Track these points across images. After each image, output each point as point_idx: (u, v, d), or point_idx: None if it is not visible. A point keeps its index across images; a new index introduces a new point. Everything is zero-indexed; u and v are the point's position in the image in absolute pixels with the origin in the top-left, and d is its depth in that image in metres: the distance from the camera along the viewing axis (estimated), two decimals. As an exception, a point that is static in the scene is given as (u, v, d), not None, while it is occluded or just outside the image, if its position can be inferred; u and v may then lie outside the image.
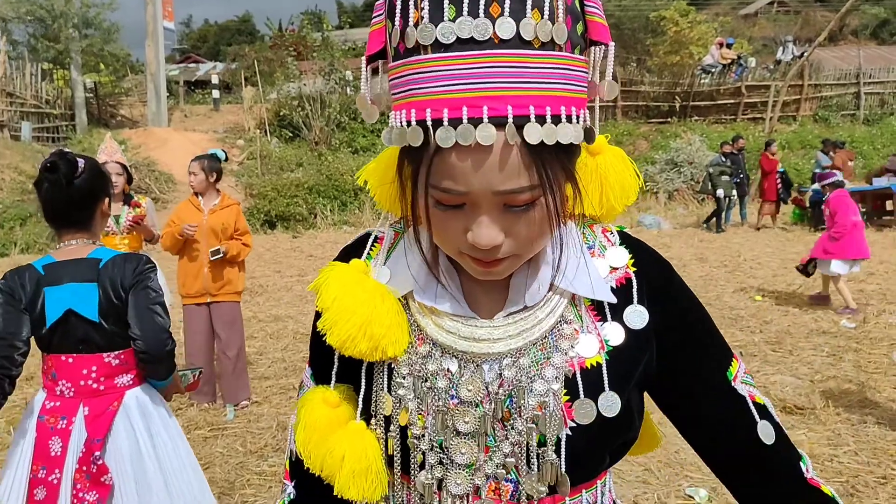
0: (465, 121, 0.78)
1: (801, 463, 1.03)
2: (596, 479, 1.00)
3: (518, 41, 0.78)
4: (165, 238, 5.13)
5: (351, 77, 23.57)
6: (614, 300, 0.96)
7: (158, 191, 17.06)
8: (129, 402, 2.27)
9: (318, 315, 1.01)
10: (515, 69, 0.78)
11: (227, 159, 5.63)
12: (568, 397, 0.92)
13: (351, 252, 1.07)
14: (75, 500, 2.13)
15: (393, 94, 0.87)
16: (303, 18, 34.16)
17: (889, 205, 14.30)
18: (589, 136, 0.85)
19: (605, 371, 0.93)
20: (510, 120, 0.78)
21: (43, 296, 2.17)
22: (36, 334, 2.21)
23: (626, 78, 23.31)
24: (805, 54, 22.46)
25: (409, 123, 0.82)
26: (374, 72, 0.92)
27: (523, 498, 0.94)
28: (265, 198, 16.49)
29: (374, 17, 0.89)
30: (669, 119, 22.59)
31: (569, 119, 0.81)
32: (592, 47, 0.88)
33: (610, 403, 0.92)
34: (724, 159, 14.69)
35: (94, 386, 2.23)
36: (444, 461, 0.94)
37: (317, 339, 1.05)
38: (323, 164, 18.69)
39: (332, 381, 1.02)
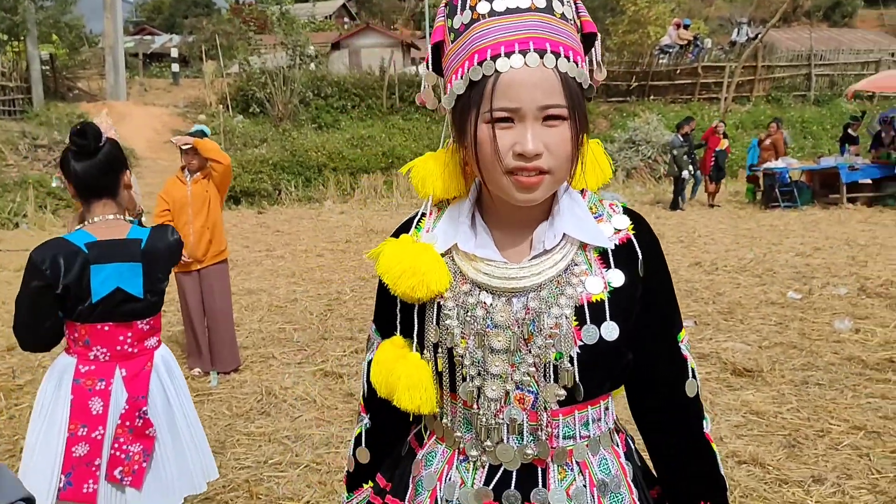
0: (516, 51, 1.12)
1: (703, 420, 1.35)
2: (599, 398, 1.29)
3: (549, 10, 1.15)
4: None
5: (313, 52, 23.51)
6: (610, 245, 1.25)
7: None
8: (157, 362, 2.51)
9: (381, 282, 1.32)
10: (549, 25, 1.14)
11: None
12: (577, 323, 1.21)
13: (402, 229, 1.37)
14: (119, 453, 2.36)
15: (451, 65, 1.20)
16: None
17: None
18: (589, 91, 1.22)
19: (607, 305, 1.23)
20: (549, 49, 1.12)
21: (89, 272, 2.34)
22: (75, 307, 2.37)
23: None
24: (759, 36, 23.06)
25: (470, 69, 1.15)
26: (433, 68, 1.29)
27: (541, 407, 1.23)
28: (229, 173, 16.53)
29: (438, 17, 1.24)
30: (628, 98, 23.04)
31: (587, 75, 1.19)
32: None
33: (610, 330, 1.22)
34: (682, 140, 15.12)
35: (129, 350, 2.45)
36: (482, 373, 1.23)
37: (382, 298, 1.37)
38: (287, 141, 18.77)
39: (398, 329, 1.32)
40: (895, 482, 3.62)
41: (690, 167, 14.81)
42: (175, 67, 26.96)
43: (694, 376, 1.34)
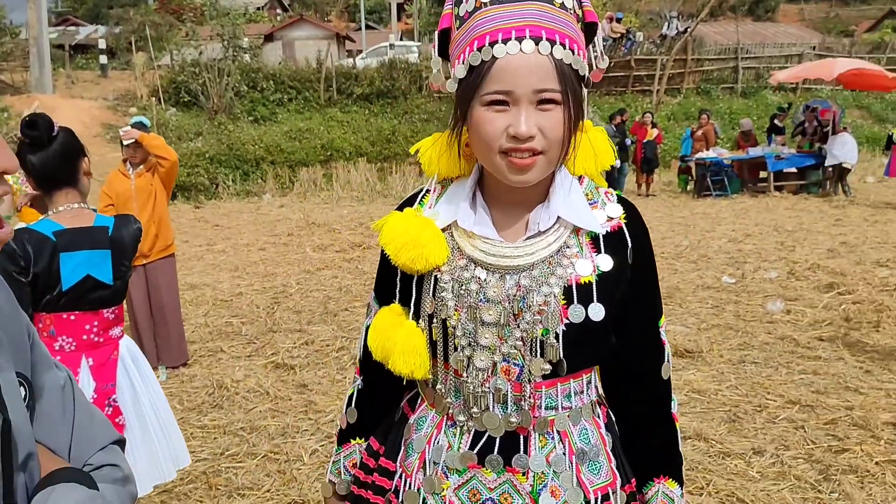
0: (513, 38, 1.18)
1: (672, 401, 1.44)
2: (582, 372, 1.36)
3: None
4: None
5: (248, 44, 23.16)
6: (601, 230, 1.32)
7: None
8: (123, 352, 2.51)
9: (382, 252, 1.38)
10: (547, 13, 1.20)
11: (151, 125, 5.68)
12: (565, 302, 1.28)
13: (406, 203, 1.43)
14: None
15: (455, 51, 1.27)
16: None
17: (763, 173, 15.42)
18: (587, 82, 1.28)
19: (594, 288, 1.29)
20: (544, 37, 1.18)
21: (58, 261, 2.33)
22: (43, 296, 2.35)
23: (522, 50, 23.89)
24: (688, 30, 23.70)
25: (470, 55, 1.22)
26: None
27: (525, 378, 1.30)
28: (164, 167, 16.19)
29: (446, 6, 1.32)
30: (563, 90, 23.37)
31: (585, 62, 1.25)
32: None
33: (596, 311, 1.28)
34: (614, 130, 15.48)
35: (95, 339, 2.45)
36: (472, 344, 1.31)
37: (383, 268, 1.43)
38: (223, 134, 18.46)
39: (397, 297, 1.39)
40: (829, 451, 3.85)
41: (618, 159, 15.16)
42: (103, 59, 26.20)
43: (668, 360, 1.41)
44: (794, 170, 15.09)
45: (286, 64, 23.79)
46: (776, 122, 16.66)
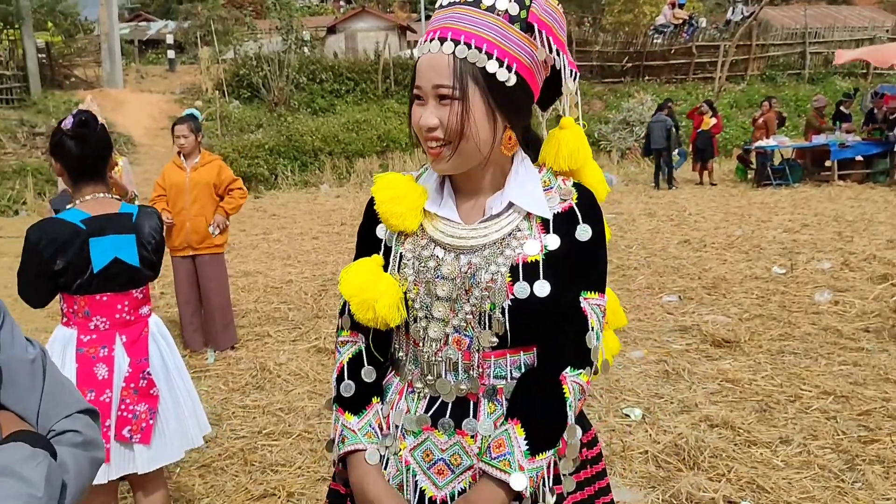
0: (429, 39, 1.34)
1: (575, 368, 1.38)
2: (532, 345, 1.44)
3: (475, 3, 1.34)
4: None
5: (308, 37, 23.54)
6: (549, 215, 1.41)
7: (118, 153, 17.07)
8: (152, 329, 2.70)
9: (369, 204, 1.50)
10: (469, 17, 1.33)
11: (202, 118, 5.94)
12: (511, 279, 1.38)
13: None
14: (126, 413, 2.54)
15: None
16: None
17: (828, 161, 14.96)
18: (521, 84, 1.35)
19: (541, 265, 1.39)
20: (449, 37, 1.32)
21: (88, 246, 2.51)
22: (75, 280, 2.53)
23: (581, 37, 23.68)
24: (753, 14, 23.08)
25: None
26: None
27: (475, 349, 1.41)
28: (226, 159, 16.61)
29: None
30: (623, 79, 23.09)
31: (498, 61, 1.32)
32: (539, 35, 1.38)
33: (542, 287, 1.37)
34: (672, 120, 15.27)
35: (127, 318, 2.63)
36: (428, 315, 1.42)
37: (368, 227, 1.53)
38: (283, 125, 18.89)
39: (381, 251, 1.48)
40: (857, 442, 3.80)
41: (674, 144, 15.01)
42: (171, 54, 26.99)
43: (592, 330, 1.40)
44: (860, 158, 14.62)
45: (345, 56, 24.11)
46: (842, 108, 16.14)
